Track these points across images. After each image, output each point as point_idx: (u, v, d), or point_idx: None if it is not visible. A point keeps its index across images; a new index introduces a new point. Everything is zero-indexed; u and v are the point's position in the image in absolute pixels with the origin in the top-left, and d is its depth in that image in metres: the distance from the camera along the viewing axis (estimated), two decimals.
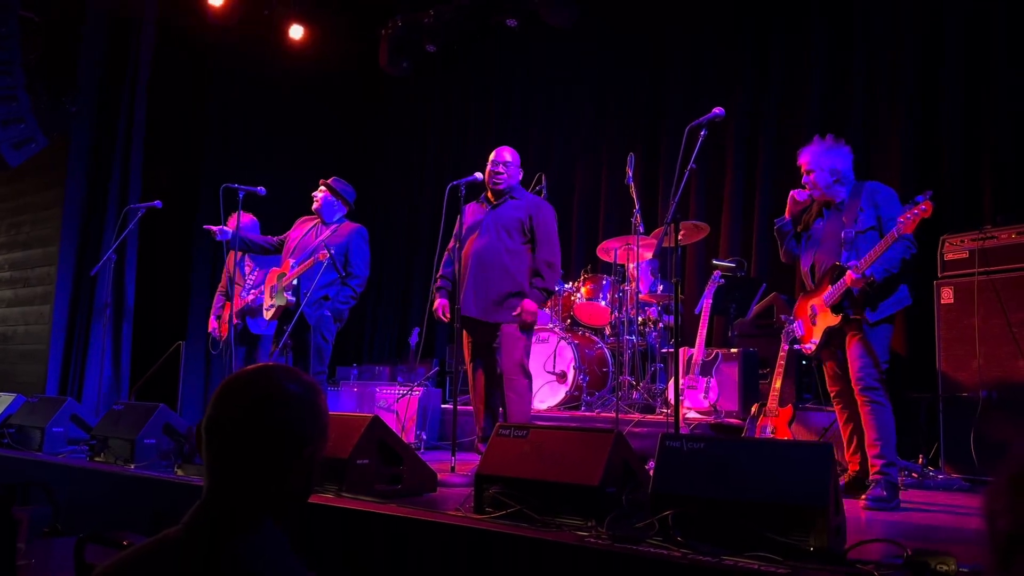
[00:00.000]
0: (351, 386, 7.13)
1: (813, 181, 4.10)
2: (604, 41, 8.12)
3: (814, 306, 4.08)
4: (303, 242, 5.37)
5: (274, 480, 1.40)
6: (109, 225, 7.83)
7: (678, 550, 2.43)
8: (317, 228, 5.43)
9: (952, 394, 4.73)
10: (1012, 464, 0.77)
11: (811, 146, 4.14)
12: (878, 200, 3.96)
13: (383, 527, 3.07)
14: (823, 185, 4.07)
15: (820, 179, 4.07)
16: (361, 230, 5.41)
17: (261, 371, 1.46)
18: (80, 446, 5.15)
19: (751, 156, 7.02)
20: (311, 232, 5.42)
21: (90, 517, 4.04)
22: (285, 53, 8.91)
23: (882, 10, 6.32)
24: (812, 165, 4.09)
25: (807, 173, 4.12)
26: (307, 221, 5.56)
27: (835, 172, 4.05)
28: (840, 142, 4.13)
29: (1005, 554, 0.75)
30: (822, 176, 4.06)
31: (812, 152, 4.12)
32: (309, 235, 5.41)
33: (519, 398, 4.58)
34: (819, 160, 4.07)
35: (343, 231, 5.36)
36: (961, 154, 5.74)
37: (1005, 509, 0.76)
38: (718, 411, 5.49)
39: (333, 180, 5.50)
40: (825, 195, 4.10)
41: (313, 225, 5.47)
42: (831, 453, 2.51)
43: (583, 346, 6.37)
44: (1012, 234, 4.68)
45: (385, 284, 9.56)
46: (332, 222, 5.43)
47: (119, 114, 8.08)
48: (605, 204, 7.94)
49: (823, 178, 4.06)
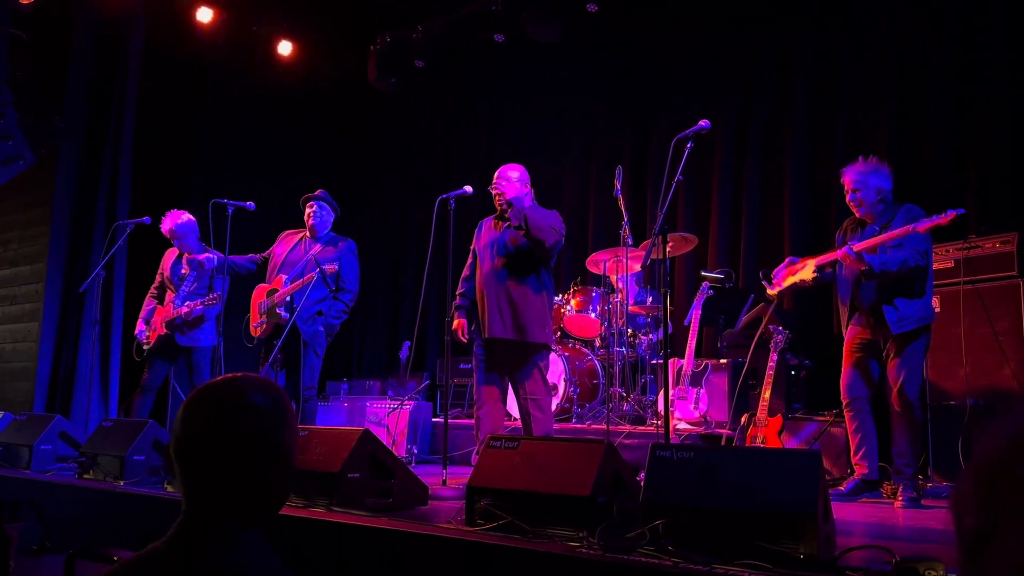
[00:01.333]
0: (341, 401, 7.11)
1: (859, 199, 4.25)
2: (592, 55, 8.19)
3: (806, 262, 4.33)
4: (291, 257, 5.36)
5: (247, 491, 1.39)
6: (97, 242, 7.82)
7: (669, 559, 2.43)
8: (306, 243, 5.42)
9: (940, 403, 4.77)
10: (977, 462, 0.79)
11: (856, 165, 4.29)
12: (915, 218, 4.06)
13: (374, 541, 3.06)
14: (868, 203, 4.23)
15: (866, 197, 4.22)
16: (351, 244, 5.44)
17: (222, 384, 1.44)
18: (69, 463, 5.12)
19: (738, 168, 7.08)
20: (299, 247, 5.41)
21: (80, 534, 4.02)
22: (273, 69, 8.93)
23: (867, 24, 6.40)
24: (858, 184, 4.24)
25: (853, 191, 4.26)
26: (292, 235, 5.55)
27: (881, 191, 4.21)
28: (884, 163, 4.29)
29: (973, 552, 0.76)
30: (868, 194, 4.22)
31: (857, 171, 4.26)
32: (297, 250, 5.39)
33: (544, 415, 4.57)
34: (866, 179, 4.22)
35: (334, 246, 5.38)
36: (945, 164, 5.81)
37: (971, 507, 0.78)
38: (708, 422, 5.51)
39: (323, 192, 5.51)
40: (870, 213, 4.25)
41: (300, 239, 5.46)
42: (820, 461, 2.53)
43: (573, 358, 6.39)
44: (996, 243, 4.74)
45: (375, 298, 9.55)
46: (323, 236, 5.44)
47: (107, 130, 8.08)
48: (594, 216, 7.98)
49: (869, 196, 4.22)
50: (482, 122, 9.12)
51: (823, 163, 6.49)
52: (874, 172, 4.23)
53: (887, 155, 6.06)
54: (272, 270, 5.40)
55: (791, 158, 6.69)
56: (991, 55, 5.67)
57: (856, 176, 4.25)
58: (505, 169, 4.76)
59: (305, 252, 5.34)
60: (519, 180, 4.68)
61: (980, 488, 0.77)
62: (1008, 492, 0.74)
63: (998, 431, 0.79)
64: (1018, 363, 4.52)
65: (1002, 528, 0.73)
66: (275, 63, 8.91)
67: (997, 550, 0.73)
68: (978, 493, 0.77)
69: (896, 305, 4.07)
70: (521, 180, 4.69)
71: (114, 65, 8.13)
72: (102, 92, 8.13)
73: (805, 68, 6.73)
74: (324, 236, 5.45)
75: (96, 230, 7.92)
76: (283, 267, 5.33)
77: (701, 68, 7.45)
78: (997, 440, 0.78)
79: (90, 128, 8.12)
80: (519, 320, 4.53)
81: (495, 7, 7.82)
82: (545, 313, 4.59)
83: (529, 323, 4.53)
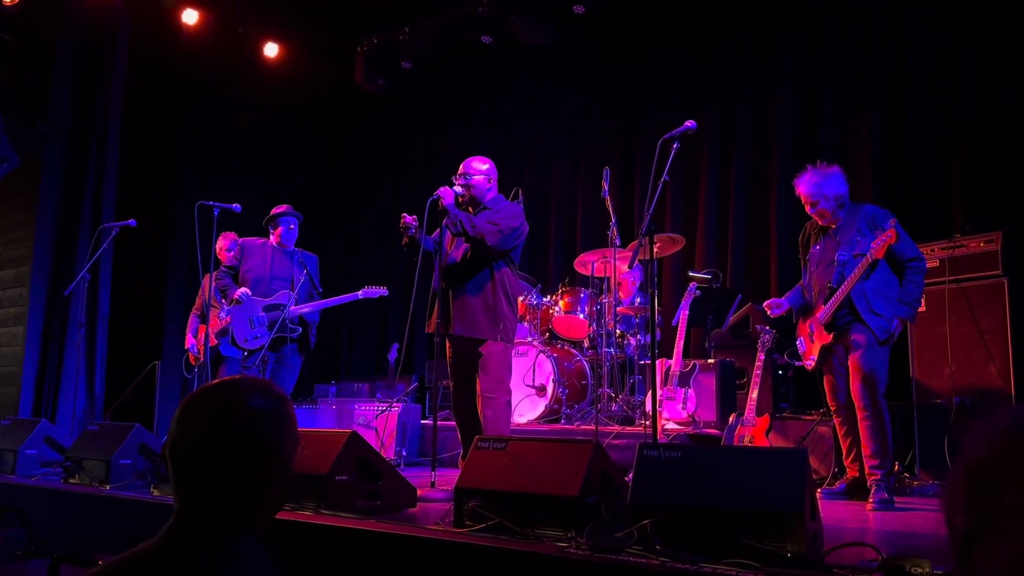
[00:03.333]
0: (329, 403, 7.09)
1: (821, 211, 4.23)
2: (580, 57, 8.21)
3: (811, 325, 4.26)
4: (274, 271, 5.60)
5: (244, 495, 1.38)
6: (83, 244, 7.76)
7: (657, 558, 2.44)
8: (276, 253, 5.69)
9: (926, 401, 4.80)
10: (966, 462, 0.79)
11: (806, 176, 4.25)
12: (879, 223, 4.09)
13: (363, 543, 3.05)
14: (830, 212, 4.22)
15: (826, 208, 4.21)
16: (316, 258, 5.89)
17: (221, 387, 1.43)
18: (54, 468, 5.08)
19: (725, 169, 7.11)
20: (272, 259, 5.66)
21: (65, 539, 3.99)
22: (260, 71, 8.90)
23: (849, 26, 6.44)
24: (815, 196, 4.21)
25: (812, 205, 4.24)
26: (257, 246, 5.75)
27: (839, 198, 4.20)
28: (833, 167, 4.25)
29: (964, 550, 0.76)
30: (827, 205, 4.20)
31: (810, 183, 4.22)
32: (274, 263, 5.64)
33: (495, 414, 4.41)
34: (820, 190, 4.19)
35: (306, 256, 5.78)
36: (931, 164, 5.85)
37: (962, 507, 0.78)
38: (696, 421, 5.52)
39: (289, 207, 5.75)
40: (832, 222, 4.24)
41: (272, 251, 5.71)
42: (806, 459, 2.54)
43: (562, 359, 6.39)
44: (981, 242, 4.77)
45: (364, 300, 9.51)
46: (292, 248, 5.75)
47: (93, 133, 8.02)
48: (582, 217, 8.00)
49: (829, 206, 4.20)
50: (470, 123, 9.11)
51: (810, 162, 6.50)
52: (826, 180, 4.19)
53: (871, 154, 6.12)
54: (246, 283, 5.59)
55: (778, 158, 6.72)
56: (971, 56, 5.71)
57: (810, 189, 4.21)
58: (465, 163, 4.63)
59: (281, 262, 5.66)
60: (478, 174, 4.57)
61: (969, 488, 0.77)
62: (996, 492, 0.74)
63: (986, 431, 0.79)
64: (1003, 361, 4.55)
65: (989, 527, 0.74)
66: (261, 65, 8.88)
67: (985, 549, 0.73)
68: (967, 493, 0.77)
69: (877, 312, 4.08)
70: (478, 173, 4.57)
71: (99, 67, 8.07)
72: (87, 94, 8.07)
73: (791, 69, 6.77)
74: (296, 250, 5.78)
75: (81, 233, 7.87)
76: (263, 281, 5.57)
77: (687, 69, 7.48)
78: (985, 440, 0.78)
79: (75, 130, 8.06)
80: (467, 316, 4.41)
81: (482, 9, 7.82)
82: (497, 309, 4.41)
83: (477, 318, 4.40)
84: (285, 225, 5.70)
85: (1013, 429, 0.77)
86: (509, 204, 4.60)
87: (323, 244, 9.35)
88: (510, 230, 4.41)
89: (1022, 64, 5.48)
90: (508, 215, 4.47)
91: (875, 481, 3.98)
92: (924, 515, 3.77)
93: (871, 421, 4.01)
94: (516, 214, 4.49)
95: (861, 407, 4.04)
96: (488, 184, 4.60)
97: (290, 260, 5.71)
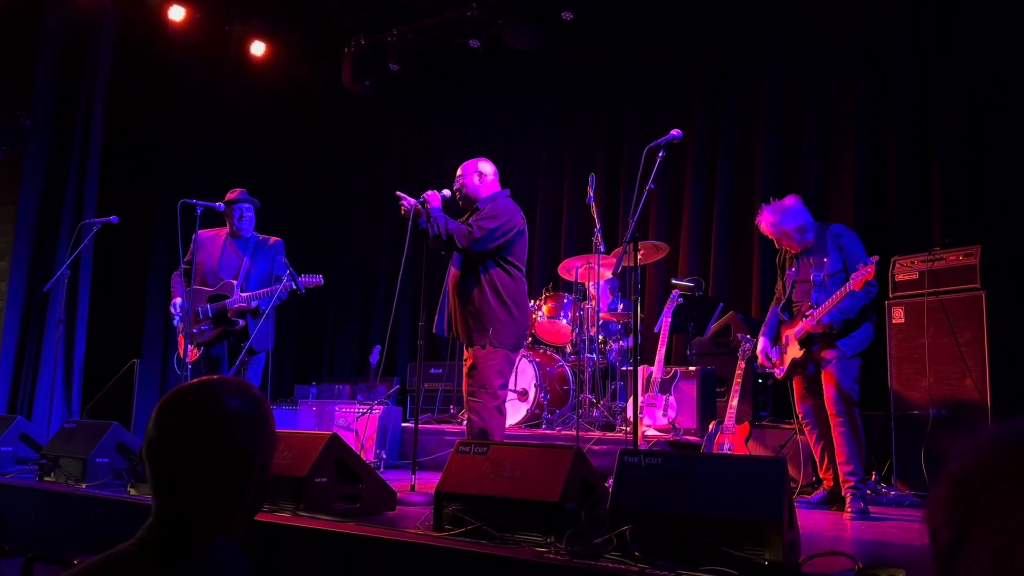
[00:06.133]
0: (310, 405, 7.06)
1: (787, 244, 4.43)
2: (567, 63, 8.23)
3: (787, 337, 4.39)
4: (222, 261, 5.34)
5: (222, 495, 1.37)
6: (63, 241, 7.68)
7: (636, 565, 2.45)
8: (231, 243, 5.43)
9: (903, 412, 4.84)
10: (950, 475, 0.80)
11: (765, 215, 4.39)
12: (843, 244, 4.26)
13: (341, 546, 3.04)
14: (796, 242, 4.38)
15: (791, 240, 4.38)
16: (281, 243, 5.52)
17: (197, 387, 1.42)
18: (29, 465, 5.02)
19: (709, 178, 7.15)
20: (222, 249, 5.39)
21: (40, 538, 3.95)
22: (246, 69, 8.85)
23: (833, 41, 6.50)
24: (777, 234, 4.40)
25: (776, 241, 4.44)
26: (213, 236, 5.48)
27: (800, 228, 4.34)
28: (787, 200, 4.38)
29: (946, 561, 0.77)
30: (791, 238, 4.37)
31: (769, 223, 4.39)
32: (223, 253, 5.38)
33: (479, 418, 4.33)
34: (779, 227, 4.36)
35: (269, 243, 5.47)
36: (912, 178, 5.91)
37: (945, 518, 0.79)
38: (676, 428, 5.54)
39: (243, 192, 5.50)
40: (801, 247, 4.39)
41: (224, 240, 5.44)
42: (785, 468, 2.56)
43: (544, 364, 6.39)
44: (960, 256, 4.82)
45: (346, 301, 9.50)
46: (249, 235, 5.47)
47: (75, 128, 7.94)
48: (567, 223, 8.01)
49: (793, 238, 4.37)
50: (457, 127, 9.11)
51: (794, 172, 6.57)
52: (783, 216, 4.33)
53: (854, 166, 6.18)
54: (204, 274, 5.33)
55: (762, 167, 6.77)
56: (955, 71, 5.78)
57: (770, 229, 4.39)
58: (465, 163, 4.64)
59: (239, 253, 5.37)
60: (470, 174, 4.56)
61: (952, 498, 0.78)
62: (979, 502, 0.75)
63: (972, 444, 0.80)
64: (979, 374, 4.60)
65: (971, 538, 0.74)
66: (248, 63, 8.83)
67: (967, 559, 0.74)
68: (950, 503, 0.78)
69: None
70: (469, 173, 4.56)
71: (83, 62, 8.00)
72: (71, 89, 7.99)
73: (776, 78, 6.82)
74: (252, 237, 5.48)
75: (62, 229, 7.78)
76: (221, 271, 5.30)
77: (674, 77, 7.52)
78: (970, 453, 0.79)
79: (58, 125, 7.98)
80: (456, 319, 4.42)
81: (471, 13, 7.82)
82: (485, 313, 4.33)
83: (465, 323, 4.37)
84: (237, 212, 5.44)
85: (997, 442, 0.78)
86: (495, 204, 4.46)
87: (306, 245, 9.34)
88: (483, 232, 4.29)
89: (1003, 83, 5.56)
90: (486, 215, 4.37)
91: (849, 489, 4.05)
92: (900, 525, 3.80)
93: (845, 427, 4.11)
94: (494, 215, 4.37)
95: (834, 414, 4.14)
96: (479, 183, 4.53)
97: (243, 248, 5.40)
